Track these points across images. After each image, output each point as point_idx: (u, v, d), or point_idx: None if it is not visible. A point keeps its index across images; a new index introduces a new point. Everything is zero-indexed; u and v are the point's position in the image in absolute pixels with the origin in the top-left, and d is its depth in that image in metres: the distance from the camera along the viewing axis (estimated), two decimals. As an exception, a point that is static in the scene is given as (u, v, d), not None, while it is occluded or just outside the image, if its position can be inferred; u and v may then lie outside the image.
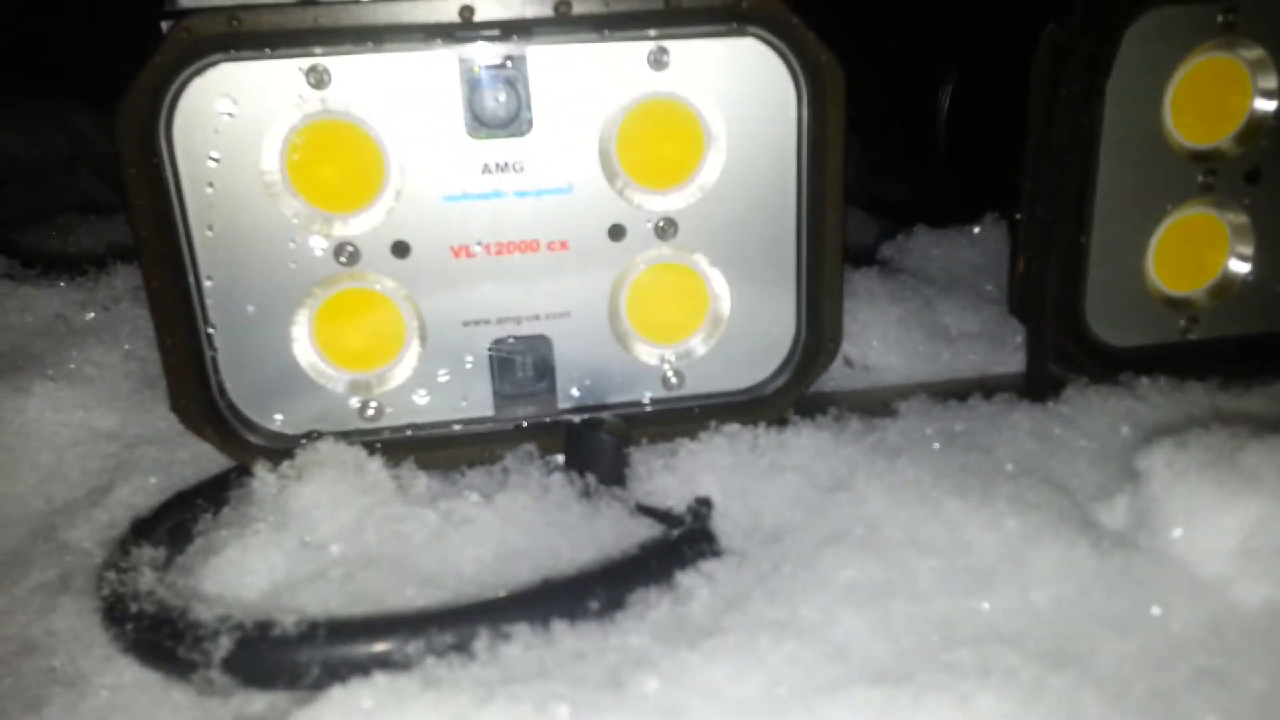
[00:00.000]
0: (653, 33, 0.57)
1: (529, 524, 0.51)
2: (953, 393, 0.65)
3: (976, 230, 0.88)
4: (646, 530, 0.53)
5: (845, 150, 0.60)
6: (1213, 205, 0.65)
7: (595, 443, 0.58)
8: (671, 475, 0.58)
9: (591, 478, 0.56)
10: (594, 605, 0.45)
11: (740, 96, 0.58)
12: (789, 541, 0.49)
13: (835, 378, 0.73)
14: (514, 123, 0.57)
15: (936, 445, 0.57)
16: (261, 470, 0.55)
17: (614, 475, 0.57)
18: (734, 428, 0.60)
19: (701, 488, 0.56)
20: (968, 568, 0.45)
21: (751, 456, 0.58)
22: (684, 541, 0.49)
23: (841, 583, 0.44)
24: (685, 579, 0.47)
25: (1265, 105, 0.63)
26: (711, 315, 0.62)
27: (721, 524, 0.53)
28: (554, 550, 0.48)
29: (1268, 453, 0.47)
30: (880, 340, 0.74)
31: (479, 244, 0.58)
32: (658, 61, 0.57)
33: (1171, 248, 0.66)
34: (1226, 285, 0.67)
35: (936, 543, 0.47)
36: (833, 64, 0.58)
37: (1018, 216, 0.66)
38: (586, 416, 0.60)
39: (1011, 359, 0.73)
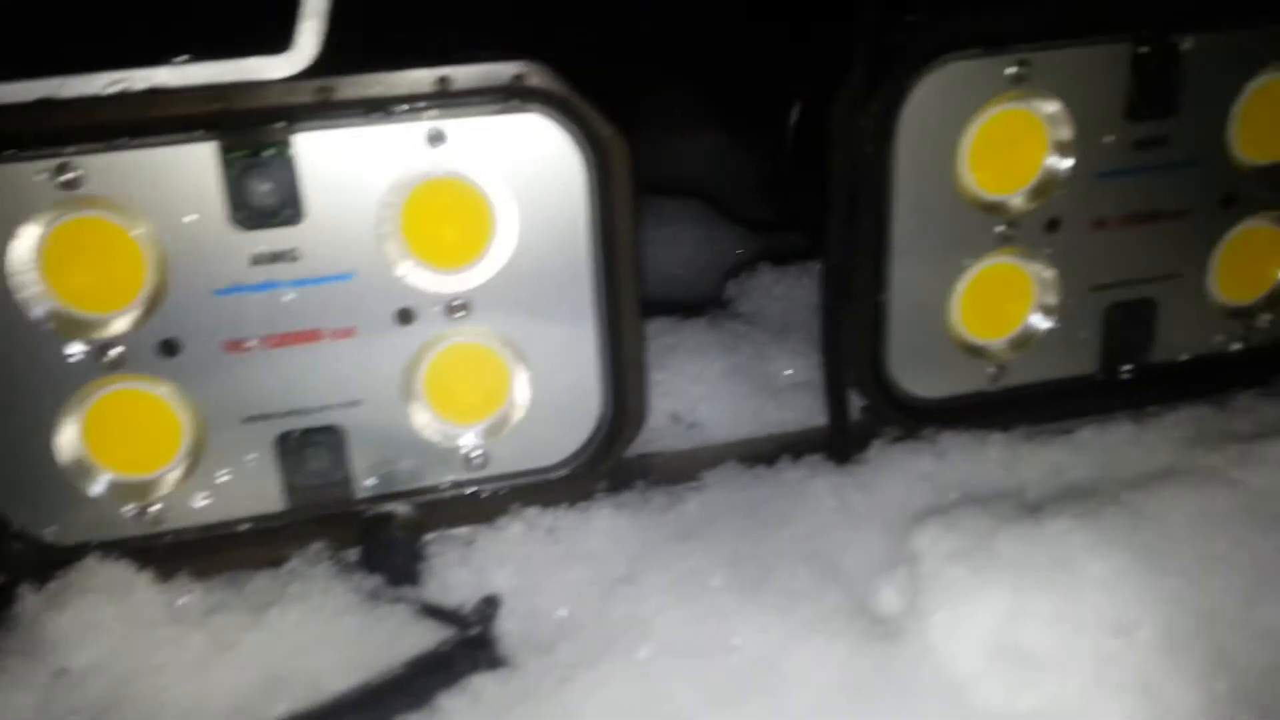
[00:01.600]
0: (430, 112, 0.55)
1: (301, 642, 0.49)
2: (765, 454, 0.65)
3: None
4: (431, 636, 0.52)
5: (636, 221, 0.59)
6: (1014, 255, 0.65)
7: (385, 539, 0.56)
8: (466, 568, 0.56)
9: (382, 578, 0.55)
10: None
11: (526, 173, 0.57)
12: (562, 651, 0.48)
13: (663, 435, 0.72)
14: (283, 212, 0.55)
15: (731, 522, 0.57)
16: (25, 590, 0.52)
17: (405, 573, 0.56)
18: (534, 511, 0.59)
19: (493, 582, 0.55)
20: (728, 676, 0.45)
21: (546, 544, 0.57)
22: (455, 654, 0.48)
23: (600, 704, 0.44)
24: (449, 699, 0.46)
25: (1060, 159, 0.64)
26: (512, 394, 0.61)
27: (505, 625, 0.53)
28: (318, 675, 0.46)
29: (1025, 536, 0.47)
30: (707, 394, 0.73)
31: (256, 337, 0.56)
32: (436, 141, 0.55)
33: (976, 298, 0.66)
34: (1031, 334, 0.67)
35: (703, 646, 0.47)
36: (616, 138, 0.56)
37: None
38: (376, 511, 0.58)
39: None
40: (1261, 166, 0.66)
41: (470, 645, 0.49)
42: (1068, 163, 0.63)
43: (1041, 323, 0.67)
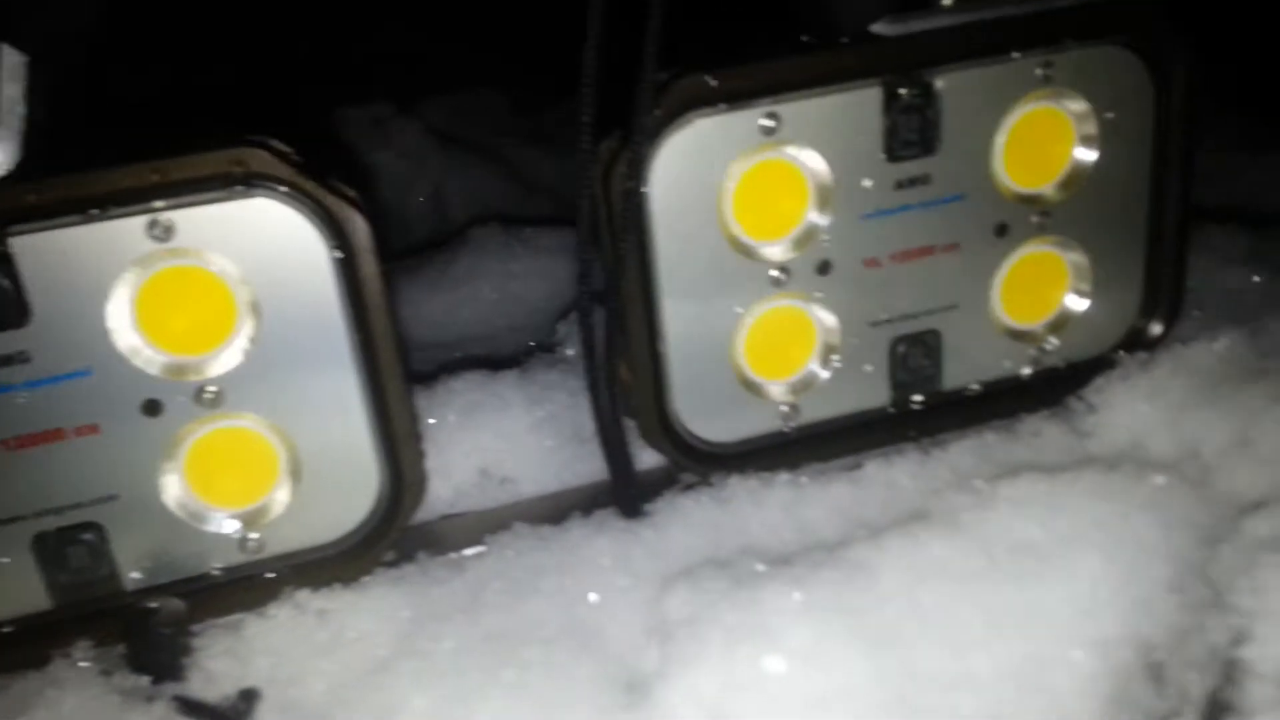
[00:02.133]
0: (155, 204, 0.54)
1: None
2: (557, 512, 0.65)
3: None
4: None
5: (387, 287, 0.58)
6: (791, 299, 0.65)
7: (148, 634, 0.56)
8: (231, 659, 0.56)
9: (145, 676, 0.54)
10: None
11: (264, 256, 0.56)
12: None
13: (469, 495, 0.72)
14: (6, 315, 0.53)
15: (501, 594, 0.57)
16: None
17: (168, 669, 0.55)
18: (306, 594, 0.59)
19: (256, 673, 0.55)
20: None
21: (315, 628, 0.57)
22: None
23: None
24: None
25: (822, 204, 0.64)
26: (280, 475, 0.60)
27: (265, 718, 0.52)
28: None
29: (749, 602, 0.47)
30: (514, 449, 0.73)
31: (-4, 441, 0.55)
32: (166, 233, 0.54)
33: (759, 341, 0.66)
34: (817, 373, 0.68)
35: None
36: (354, 216, 0.56)
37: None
38: (141, 604, 0.57)
39: (642, 454, 0.73)
40: (1031, 194, 0.67)
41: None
42: (830, 207, 0.63)
43: (826, 362, 0.67)
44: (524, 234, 1.16)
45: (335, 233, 0.56)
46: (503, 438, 0.73)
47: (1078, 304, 0.70)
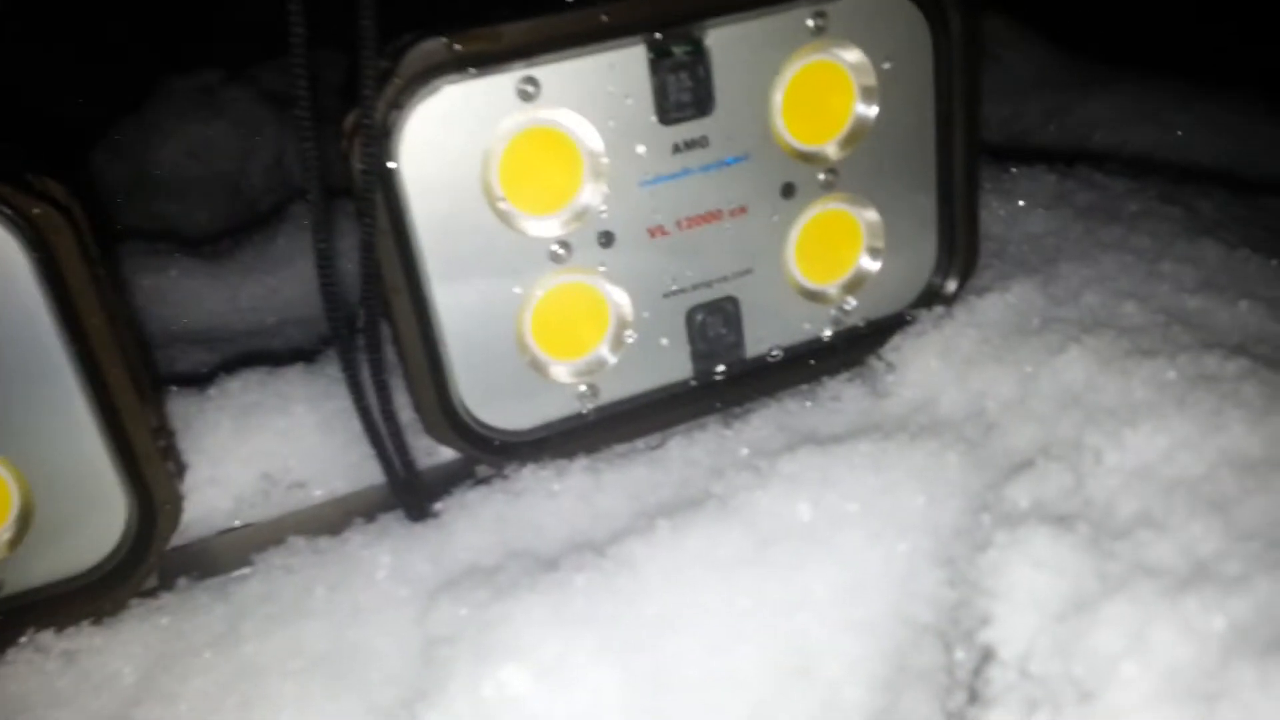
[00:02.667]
0: None
1: None
2: (340, 519, 0.60)
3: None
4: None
5: (104, 292, 0.52)
6: (575, 274, 0.62)
7: None
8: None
9: None
10: None
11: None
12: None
13: (256, 504, 0.67)
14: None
15: (263, 620, 0.52)
16: None
17: None
18: (48, 636, 0.53)
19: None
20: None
21: (56, 673, 0.52)
22: None
23: None
24: None
25: (595, 172, 0.59)
26: (13, 508, 0.54)
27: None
28: None
29: (501, 619, 0.44)
30: (301, 451, 0.68)
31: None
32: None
33: (547, 321, 0.62)
34: (609, 352, 0.65)
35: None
36: (52, 214, 0.50)
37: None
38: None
39: (438, 450, 0.69)
40: (814, 151, 0.65)
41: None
42: (606, 176, 0.60)
43: (620, 338, 0.64)
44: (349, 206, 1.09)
45: (33, 238, 0.50)
46: (287, 438, 0.68)
47: (872, 263, 0.68)
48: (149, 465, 0.55)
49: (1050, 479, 0.50)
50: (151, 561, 0.57)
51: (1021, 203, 0.82)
